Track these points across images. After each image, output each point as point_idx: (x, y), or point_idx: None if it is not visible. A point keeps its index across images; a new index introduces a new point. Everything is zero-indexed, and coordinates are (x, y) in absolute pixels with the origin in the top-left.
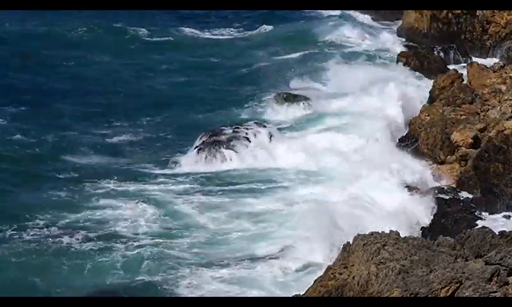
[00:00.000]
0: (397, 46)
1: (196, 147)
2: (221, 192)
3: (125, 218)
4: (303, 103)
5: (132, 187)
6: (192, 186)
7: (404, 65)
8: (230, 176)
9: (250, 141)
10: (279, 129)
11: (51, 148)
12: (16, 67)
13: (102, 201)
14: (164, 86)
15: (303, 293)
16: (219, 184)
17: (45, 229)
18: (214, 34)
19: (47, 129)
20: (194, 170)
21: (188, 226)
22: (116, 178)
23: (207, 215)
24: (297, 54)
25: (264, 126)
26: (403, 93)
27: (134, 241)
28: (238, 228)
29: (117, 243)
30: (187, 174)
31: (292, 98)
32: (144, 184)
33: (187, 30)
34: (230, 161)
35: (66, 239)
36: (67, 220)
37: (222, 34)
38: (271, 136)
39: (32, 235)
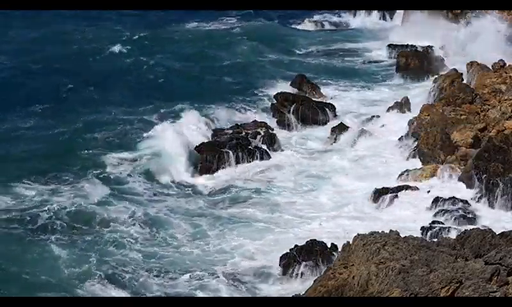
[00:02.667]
0: None
1: (196, 147)
2: (218, 197)
3: (114, 218)
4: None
5: (125, 183)
6: (189, 186)
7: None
8: (227, 179)
9: (250, 142)
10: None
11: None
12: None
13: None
14: (165, 86)
15: (303, 293)
16: (217, 186)
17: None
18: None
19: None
20: (192, 169)
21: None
22: (109, 177)
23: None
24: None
25: (265, 127)
26: None
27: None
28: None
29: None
30: (184, 176)
31: (291, 99)
32: (141, 181)
33: (190, 27)
34: (229, 162)
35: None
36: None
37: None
38: (271, 137)
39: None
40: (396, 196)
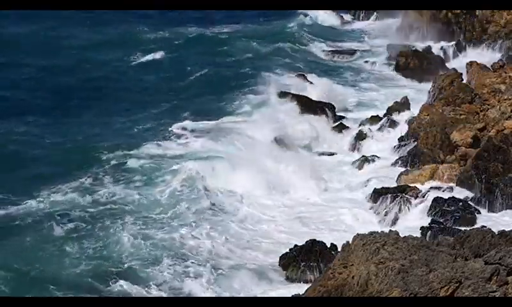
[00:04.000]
0: None
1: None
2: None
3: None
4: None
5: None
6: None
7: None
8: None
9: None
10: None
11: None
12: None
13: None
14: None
15: (303, 293)
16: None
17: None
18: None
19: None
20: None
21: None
22: (114, 177)
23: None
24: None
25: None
26: None
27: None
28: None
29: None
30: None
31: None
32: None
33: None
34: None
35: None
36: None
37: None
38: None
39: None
40: (396, 196)
